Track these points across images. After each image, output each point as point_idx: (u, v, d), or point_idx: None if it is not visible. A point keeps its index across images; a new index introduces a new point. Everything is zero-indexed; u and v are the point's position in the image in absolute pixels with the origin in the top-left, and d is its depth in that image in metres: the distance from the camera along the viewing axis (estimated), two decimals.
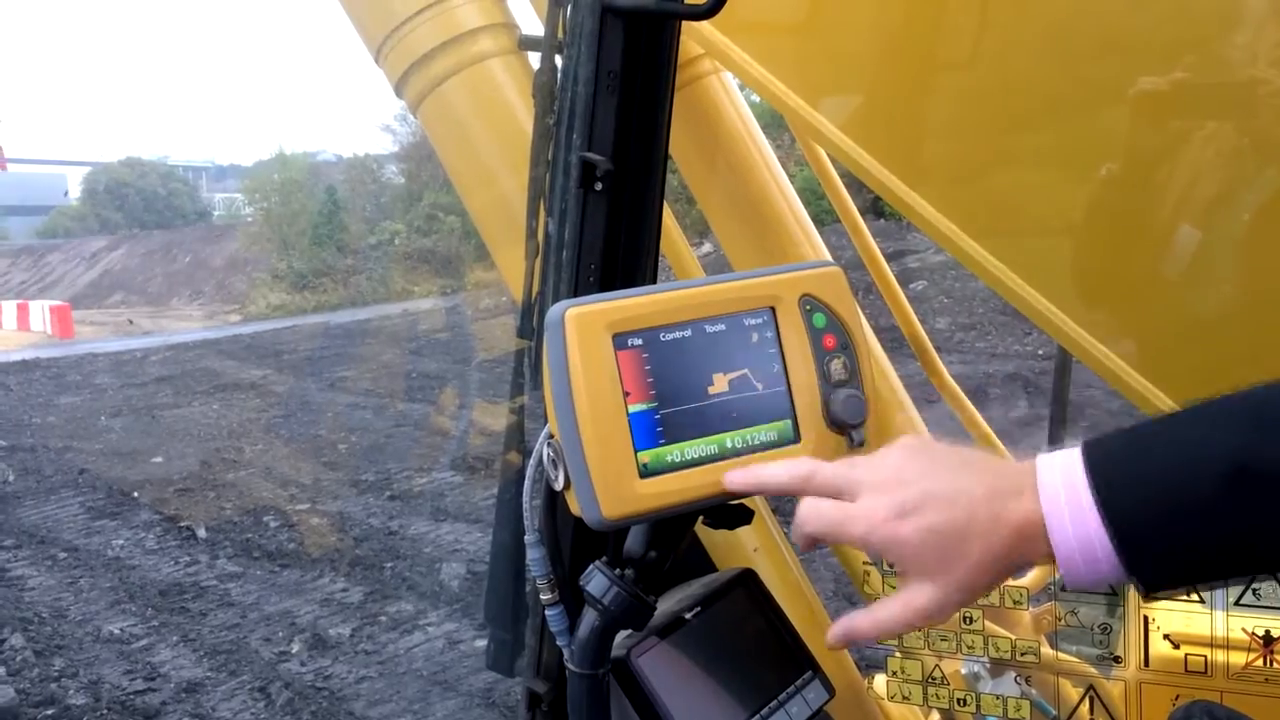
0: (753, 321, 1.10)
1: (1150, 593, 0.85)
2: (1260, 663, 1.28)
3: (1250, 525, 0.78)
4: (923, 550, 0.88)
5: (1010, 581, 1.53)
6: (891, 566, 1.48)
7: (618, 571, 1.12)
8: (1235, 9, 1.38)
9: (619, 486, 1.01)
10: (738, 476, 1.02)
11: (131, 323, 31.97)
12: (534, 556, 1.22)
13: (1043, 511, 0.85)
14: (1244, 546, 0.80)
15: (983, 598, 0.93)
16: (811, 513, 0.95)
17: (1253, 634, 1.29)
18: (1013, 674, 1.46)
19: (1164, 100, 1.37)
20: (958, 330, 13.57)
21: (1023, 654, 1.43)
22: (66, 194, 69.61)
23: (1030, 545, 0.86)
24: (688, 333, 1.07)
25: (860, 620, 0.96)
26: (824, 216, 3.43)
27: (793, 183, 2.26)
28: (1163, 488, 0.81)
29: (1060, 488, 0.85)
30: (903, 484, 0.91)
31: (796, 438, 1.08)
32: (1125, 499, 0.82)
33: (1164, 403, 1.40)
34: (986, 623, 1.45)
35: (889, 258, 2.68)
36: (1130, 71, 1.38)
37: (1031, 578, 1.75)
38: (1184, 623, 1.32)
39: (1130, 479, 0.83)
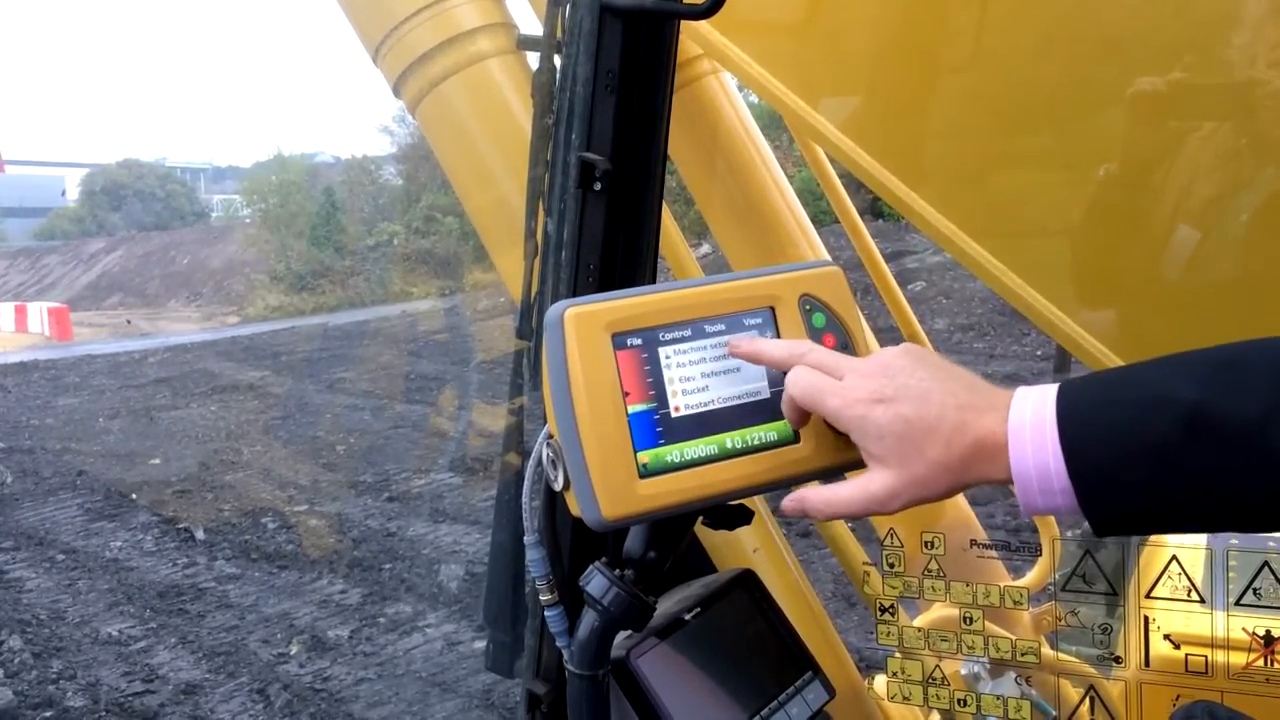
0: (752, 321, 1.10)
1: (1100, 531, 0.87)
2: (1261, 663, 1.28)
3: (1204, 471, 0.79)
4: (886, 436, 0.92)
5: (1010, 582, 1.53)
6: (892, 567, 1.49)
7: (617, 572, 1.11)
8: (1234, 10, 1.38)
9: (618, 487, 1.00)
10: (732, 346, 1.06)
11: (130, 323, 31.96)
12: (533, 557, 1.22)
13: (1007, 430, 0.88)
14: (1196, 492, 0.81)
15: (934, 501, 0.94)
16: (799, 378, 0.99)
17: (1253, 634, 1.28)
18: (1013, 674, 1.46)
19: (1163, 101, 1.37)
20: (956, 331, 13.57)
21: (1023, 654, 1.43)
22: (64, 194, 69.58)
23: (989, 462, 0.89)
24: (687, 333, 1.07)
25: (813, 496, 0.99)
26: (822, 217, 3.43)
27: (791, 183, 2.26)
28: (1122, 425, 0.83)
29: (1028, 414, 0.87)
30: (885, 374, 0.95)
31: (796, 438, 1.08)
32: (1085, 433, 0.84)
33: None
34: (986, 623, 1.45)
35: (887, 258, 2.68)
36: (1129, 72, 1.38)
37: (1031, 578, 1.76)
38: (1184, 623, 1.32)
39: (1093, 414, 0.85)
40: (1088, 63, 1.43)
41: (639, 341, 1.04)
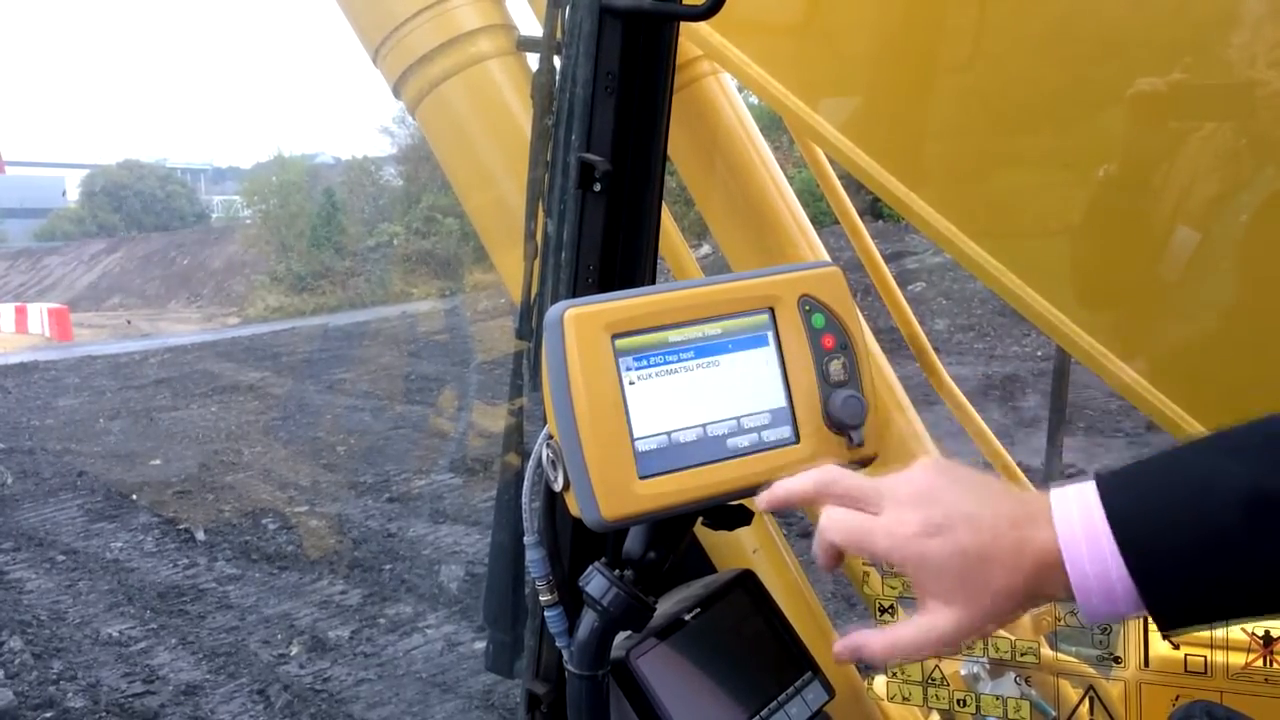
0: (752, 322, 1.10)
1: (1169, 629, 0.83)
2: (1260, 663, 1.28)
3: (1271, 554, 0.76)
4: (946, 571, 0.86)
5: None
6: (891, 568, 1.48)
7: (617, 572, 1.12)
8: (1233, 10, 1.38)
9: (618, 487, 1.01)
10: (764, 500, 1.00)
11: (129, 323, 31.95)
12: (533, 558, 1.22)
13: (1059, 544, 0.82)
14: (1265, 577, 0.77)
15: (1002, 628, 0.89)
16: (835, 522, 0.92)
17: (1252, 634, 1.29)
18: (1012, 674, 1.46)
19: (1163, 101, 1.37)
20: (956, 331, 13.57)
21: (1022, 654, 1.43)
22: (64, 195, 69.56)
23: (1049, 577, 0.83)
24: (687, 333, 1.07)
25: (873, 639, 0.91)
26: (822, 218, 3.43)
27: (791, 184, 2.26)
28: (1180, 519, 0.79)
29: (1077, 521, 0.82)
30: (930, 501, 0.89)
31: (796, 438, 1.08)
32: (1142, 532, 0.80)
33: (1163, 403, 1.40)
34: None
35: (888, 259, 2.69)
36: (1129, 73, 1.38)
37: None
38: None
39: (1146, 511, 0.81)
40: (1087, 63, 1.43)
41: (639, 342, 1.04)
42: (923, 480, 0.91)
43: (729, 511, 1.14)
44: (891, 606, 1.49)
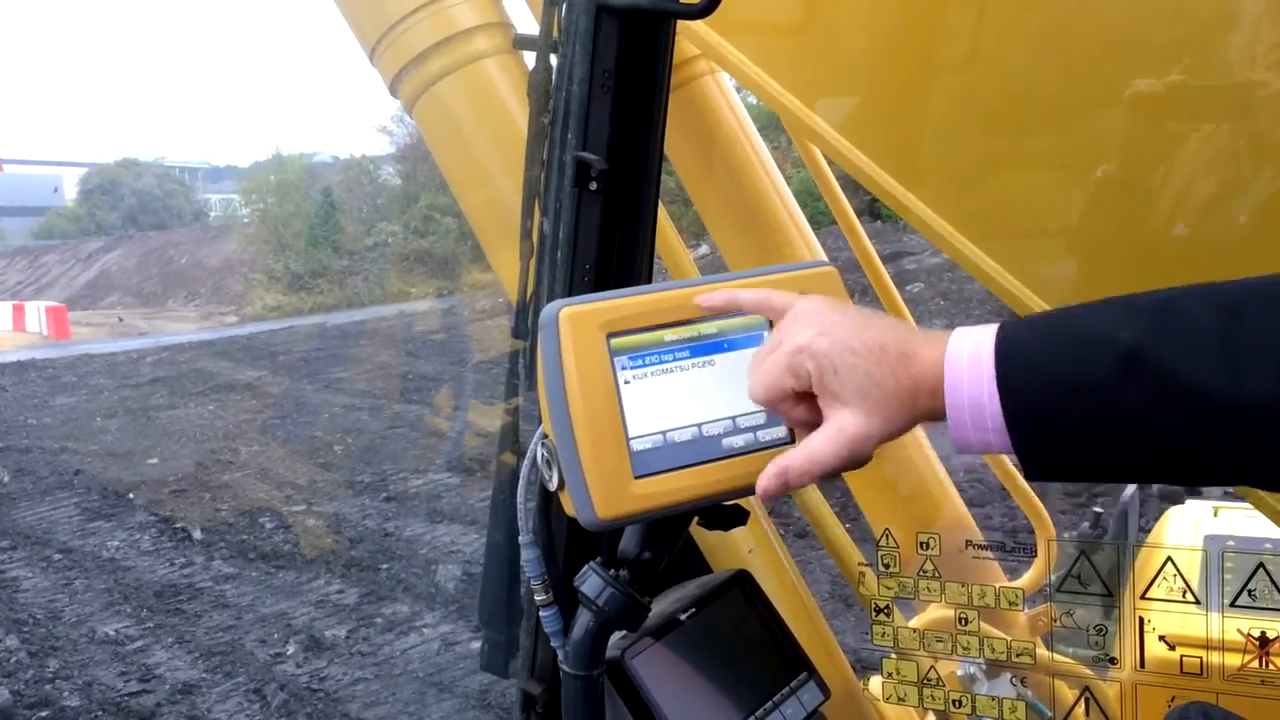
0: (748, 321, 1.10)
1: (1029, 472, 0.86)
2: (1256, 664, 1.28)
3: (1137, 412, 0.79)
4: (841, 369, 0.91)
5: (1006, 583, 1.53)
6: (887, 568, 1.48)
7: (612, 572, 1.11)
8: (1232, 11, 1.38)
9: (613, 487, 1.00)
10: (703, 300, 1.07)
11: (121, 320, 31.92)
12: (528, 557, 1.22)
13: (943, 363, 0.87)
14: (1127, 434, 0.80)
15: (897, 436, 0.93)
16: (754, 377, 0.99)
17: (1248, 635, 1.28)
18: (1008, 675, 1.46)
19: (1161, 102, 1.37)
20: None
21: (1018, 655, 1.42)
22: (56, 192, 69.46)
23: (929, 395, 0.88)
24: (683, 333, 1.07)
25: (794, 458, 0.95)
26: (821, 218, 3.43)
27: (790, 184, 2.26)
28: (1059, 362, 0.83)
29: (965, 348, 0.87)
30: (825, 314, 0.96)
31: (791, 438, 1.08)
32: (1021, 368, 0.84)
33: None
34: (982, 624, 1.45)
35: (886, 259, 2.69)
36: (1128, 73, 1.38)
37: (1027, 579, 1.76)
38: (1179, 624, 1.32)
39: (1031, 351, 0.85)
40: (1085, 63, 1.43)
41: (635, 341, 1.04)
42: (823, 303, 0.99)
43: (724, 511, 1.14)
44: (887, 607, 1.49)
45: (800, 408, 0.97)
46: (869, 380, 0.90)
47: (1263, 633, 1.28)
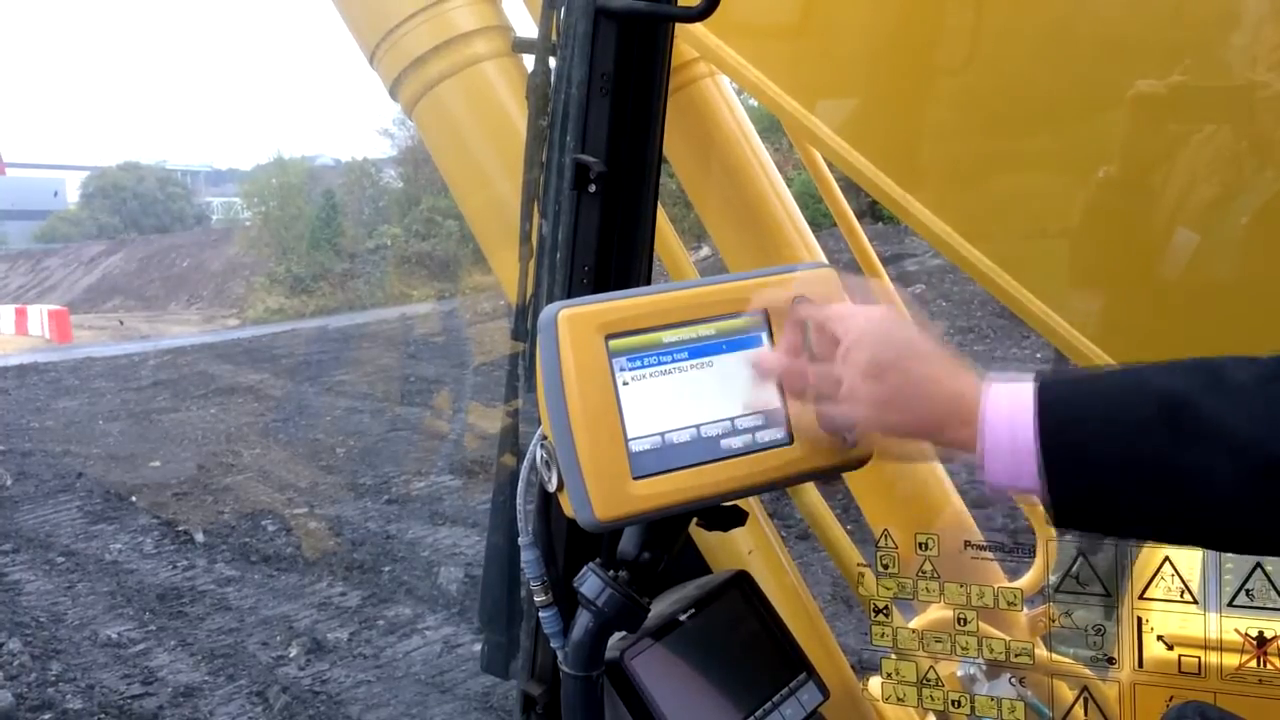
0: (746, 323, 1.10)
1: (1060, 517, 0.85)
2: (1253, 664, 1.29)
3: (1173, 454, 0.79)
4: (879, 373, 0.93)
5: (1005, 583, 1.53)
6: (886, 569, 1.49)
7: (612, 573, 1.12)
8: (1232, 12, 1.38)
9: (612, 488, 1.01)
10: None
11: (122, 323, 31.93)
12: (528, 558, 1.22)
13: (986, 392, 0.88)
14: (1162, 476, 0.80)
15: (904, 460, 0.96)
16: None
17: (1246, 635, 1.29)
18: (1008, 676, 1.46)
19: (1160, 104, 1.37)
20: (956, 333, 13.57)
21: (1017, 655, 1.43)
22: (56, 195, 69.50)
23: (960, 425, 0.89)
24: (681, 334, 1.07)
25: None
26: (822, 220, 3.43)
27: (790, 186, 2.27)
28: (1098, 403, 0.83)
29: (1006, 386, 0.88)
30: (885, 329, 0.97)
31: (789, 439, 1.08)
32: (1062, 405, 0.84)
33: None
34: (982, 624, 1.45)
35: (887, 261, 2.68)
36: (1126, 75, 1.38)
37: (1026, 580, 1.75)
38: (1178, 624, 1.33)
39: (1071, 394, 0.86)
40: (1085, 64, 1.43)
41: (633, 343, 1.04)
42: (882, 314, 1.00)
43: (723, 512, 1.14)
44: (886, 607, 1.49)
45: None
46: (902, 394, 0.92)
47: (1260, 632, 1.28)
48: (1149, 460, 0.80)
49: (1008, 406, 0.86)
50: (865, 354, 0.94)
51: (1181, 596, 1.32)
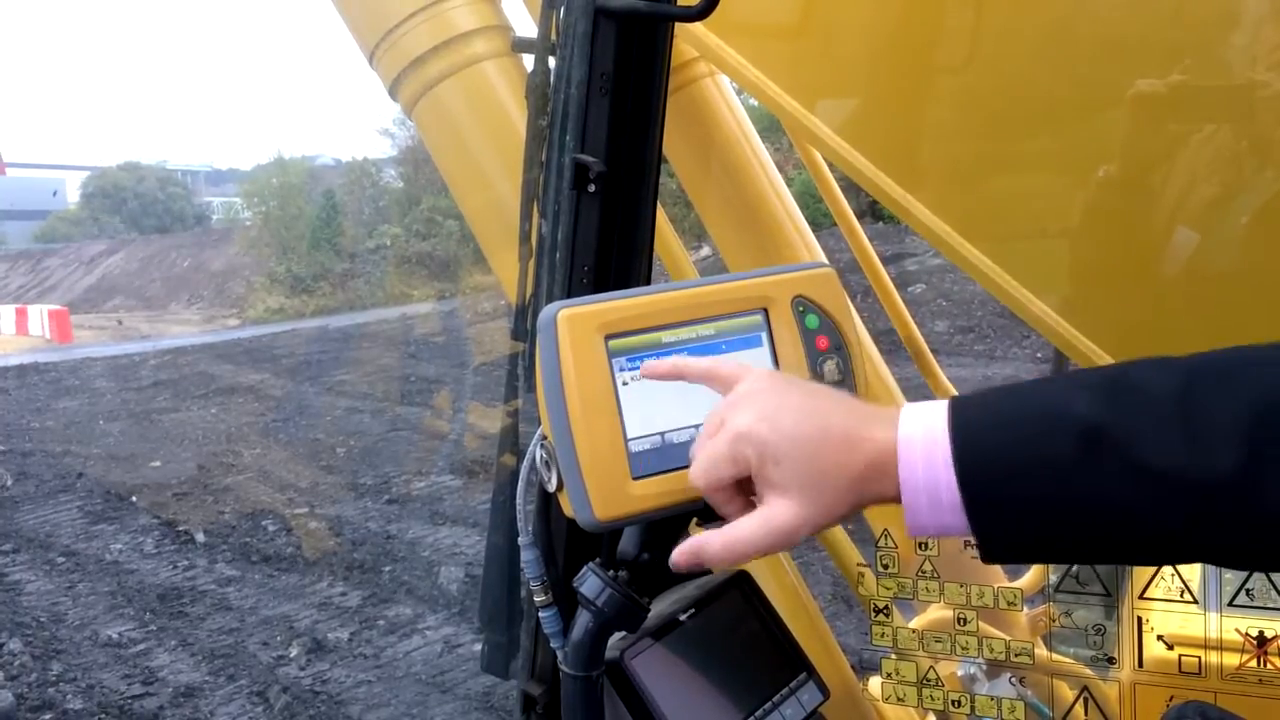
0: (746, 323, 1.10)
1: (988, 555, 0.83)
2: (1254, 664, 1.28)
3: (1097, 491, 0.76)
4: (782, 458, 0.87)
5: (1005, 583, 1.53)
6: (886, 568, 1.49)
7: (611, 573, 1.11)
8: (1232, 12, 1.38)
9: (612, 487, 1.01)
10: (646, 369, 1.04)
11: (121, 323, 31.94)
12: (528, 558, 1.22)
13: (897, 441, 0.84)
14: (1087, 514, 0.78)
15: (835, 524, 0.91)
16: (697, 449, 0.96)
17: (1246, 635, 1.29)
18: (1008, 675, 1.46)
19: (1160, 103, 1.37)
20: (957, 333, 13.58)
21: (1017, 655, 1.43)
22: (55, 196, 69.53)
23: (881, 478, 0.85)
24: (680, 334, 1.07)
25: (712, 539, 0.92)
26: (823, 219, 3.43)
27: (791, 186, 2.27)
28: (1016, 440, 0.80)
29: (919, 427, 0.84)
30: (769, 395, 0.92)
31: None
32: (978, 446, 0.81)
33: None
34: (981, 624, 1.45)
35: (887, 260, 2.69)
36: (1127, 74, 1.38)
37: (1026, 579, 1.75)
38: (1178, 624, 1.32)
39: (987, 429, 0.82)
40: (1085, 64, 1.43)
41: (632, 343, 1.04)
42: (767, 383, 0.95)
43: None
44: (886, 607, 1.49)
45: (739, 498, 0.94)
46: (811, 469, 0.87)
47: (1260, 632, 1.28)
48: (1074, 499, 0.78)
49: (923, 455, 0.82)
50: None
51: (1182, 596, 1.32)
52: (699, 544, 0.94)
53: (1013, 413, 0.82)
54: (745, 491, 0.93)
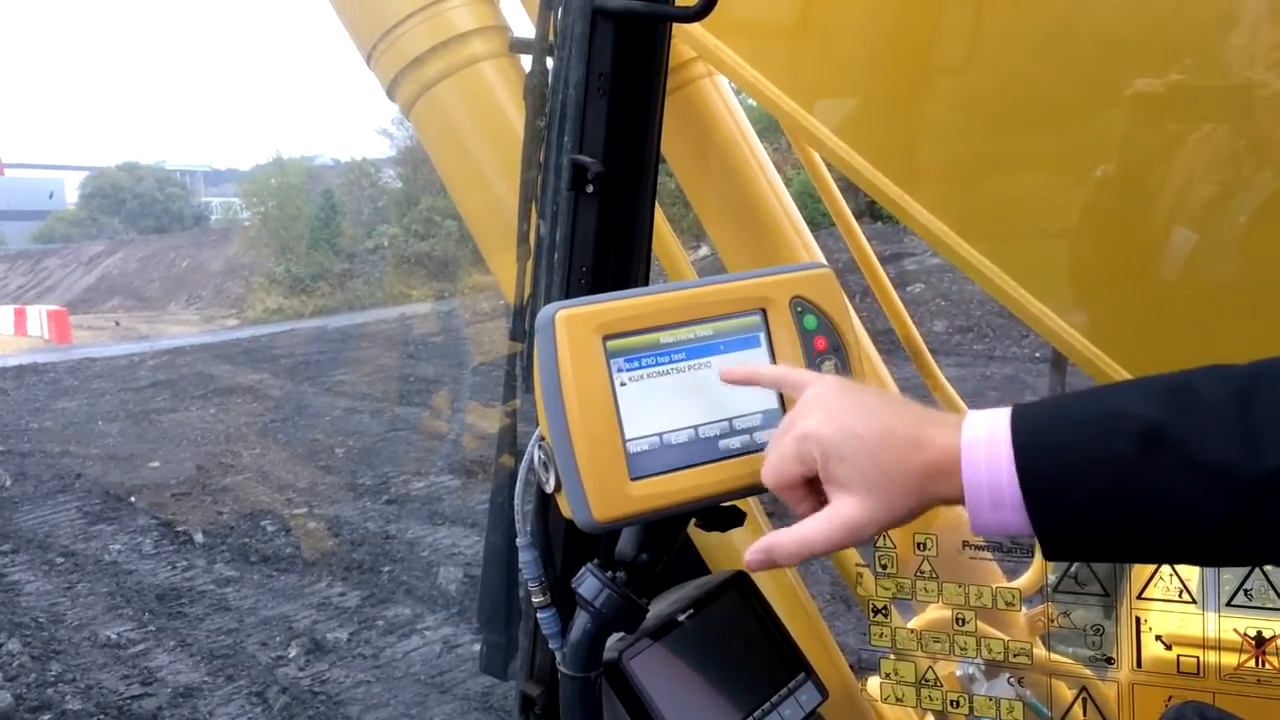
0: (744, 323, 1.10)
1: (1050, 552, 0.85)
2: (1252, 663, 1.29)
3: (1157, 489, 0.78)
4: (847, 457, 0.90)
5: (1003, 583, 1.53)
6: (885, 569, 1.49)
7: (610, 574, 1.12)
8: (1232, 11, 1.38)
9: (610, 488, 1.01)
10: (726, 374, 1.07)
11: (119, 323, 31.93)
12: (526, 559, 1.22)
13: (960, 444, 0.86)
14: (1147, 511, 0.79)
15: (901, 525, 0.92)
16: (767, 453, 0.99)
17: (1244, 635, 1.29)
18: (1006, 676, 1.46)
19: (1158, 103, 1.37)
20: (955, 333, 13.57)
21: (1016, 655, 1.43)
22: (52, 197, 69.51)
23: (944, 480, 0.87)
24: (679, 335, 1.07)
25: (784, 538, 0.95)
26: (821, 219, 3.43)
27: (789, 186, 2.27)
28: (1076, 440, 0.82)
29: (982, 430, 0.86)
30: (833, 399, 0.95)
31: None
32: (1039, 447, 0.83)
33: None
34: (980, 624, 1.45)
35: (886, 260, 2.69)
36: (1125, 74, 1.38)
37: (1025, 579, 1.75)
38: (1177, 624, 1.33)
39: (1048, 430, 0.84)
40: (1083, 65, 1.43)
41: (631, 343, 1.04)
42: (833, 387, 0.98)
43: (722, 513, 1.14)
44: (885, 607, 1.49)
45: (811, 498, 0.96)
46: (875, 467, 0.89)
47: (1259, 632, 1.28)
48: (1134, 497, 0.79)
49: (985, 455, 0.85)
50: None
51: (1180, 596, 1.32)
52: (770, 543, 0.96)
53: (1073, 413, 0.85)
54: (816, 492, 0.95)
